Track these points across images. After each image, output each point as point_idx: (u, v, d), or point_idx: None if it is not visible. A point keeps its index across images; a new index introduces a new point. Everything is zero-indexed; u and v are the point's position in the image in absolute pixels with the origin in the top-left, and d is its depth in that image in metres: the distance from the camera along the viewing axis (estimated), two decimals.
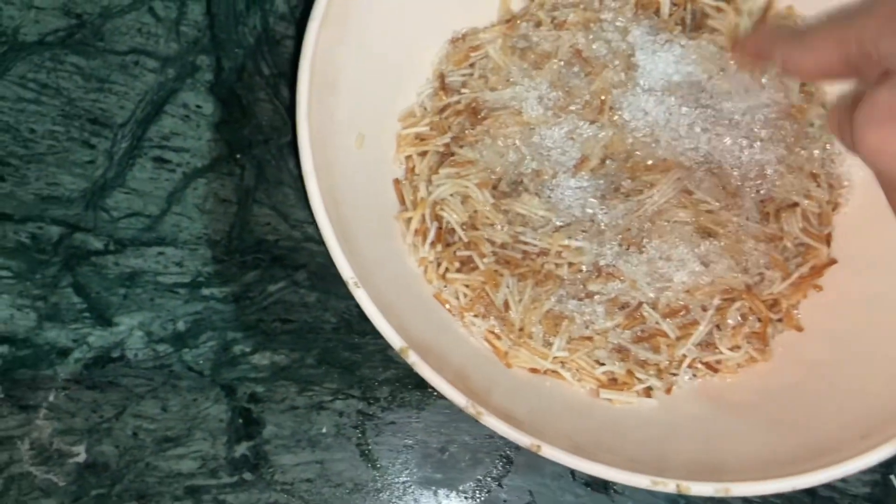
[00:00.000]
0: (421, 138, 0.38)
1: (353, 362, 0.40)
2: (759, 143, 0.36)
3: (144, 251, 0.41)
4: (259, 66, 0.44)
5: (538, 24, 0.40)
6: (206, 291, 0.41)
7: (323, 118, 0.32)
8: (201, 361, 0.40)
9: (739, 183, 0.36)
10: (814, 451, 0.29)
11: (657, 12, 0.40)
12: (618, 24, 0.39)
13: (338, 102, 0.33)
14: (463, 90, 0.39)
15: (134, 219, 0.42)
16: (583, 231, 0.36)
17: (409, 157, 0.38)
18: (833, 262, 0.36)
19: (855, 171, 0.38)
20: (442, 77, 0.40)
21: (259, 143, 0.43)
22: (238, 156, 0.43)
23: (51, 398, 0.39)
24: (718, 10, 0.39)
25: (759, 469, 0.28)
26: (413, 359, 0.28)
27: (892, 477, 0.38)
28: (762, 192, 0.36)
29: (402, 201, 0.37)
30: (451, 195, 0.36)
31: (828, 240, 0.37)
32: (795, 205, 0.36)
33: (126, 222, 0.42)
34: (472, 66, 0.40)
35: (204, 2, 0.45)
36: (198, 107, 0.43)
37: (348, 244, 0.30)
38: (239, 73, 0.44)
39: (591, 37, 0.39)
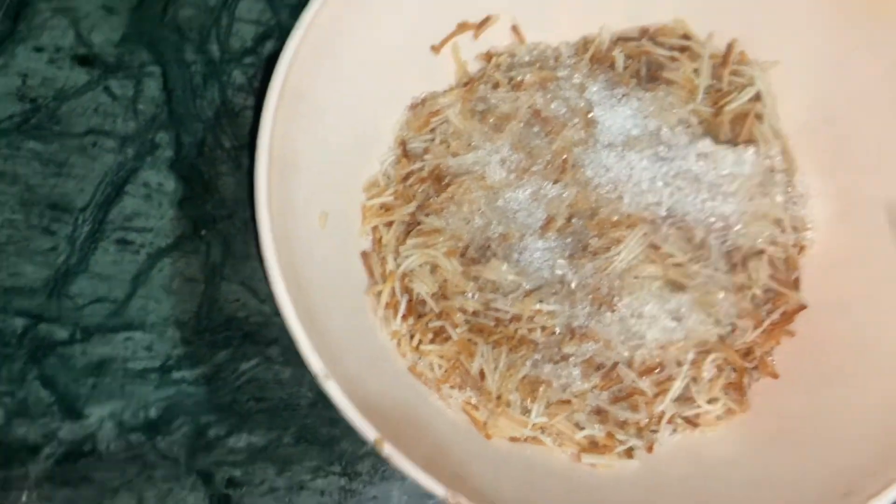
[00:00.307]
0: (386, 208, 0.38)
1: (332, 437, 0.39)
2: (721, 195, 0.36)
3: (112, 338, 0.41)
4: (219, 139, 0.44)
5: (496, 86, 0.40)
6: (177, 375, 0.40)
7: (284, 203, 0.31)
8: (176, 448, 0.39)
9: (704, 235, 0.36)
10: None
11: (612, 66, 0.40)
12: (574, 81, 0.40)
13: (299, 184, 0.33)
14: (425, 156, 0.39)
15: (99, 305, 0.41)
16: (553, 294, 0.36)
17: (375, 228, 0.38)
18: (803, 307, 0.37)
19: (818, 212, 0.38)
20: (404, 144, 0.39)
21: (223, 218, 0.43)
22: (203, 232, 0.42)
23: (23, 499, 0.38)
24: (673, 59, 0.40)
25: None
26: (387, 451, 0.28)
27: None
28: (728, 242, 0.37)
29: (371, 274, 0.37)
30: (420, 266, 0.36)
31: (796, 284, 0.37)
32: (762, 252, 0.37)
33: (91, 309, 0.41)
34: (432, 131, 0.40)
35: (160, 78, 0.45)
36: (159, 184, 0.43)
37: (316, 332, 0.29)
38: (199, 147, 0.44)
39: (548, 96, 0.39)
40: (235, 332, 0.41)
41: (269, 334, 0.41)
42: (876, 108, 0.36)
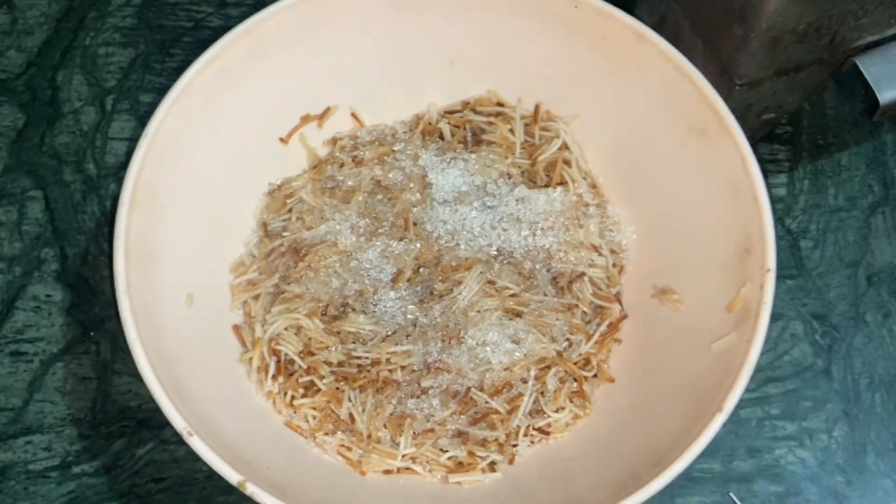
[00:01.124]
0: (252, 283, 0.42)
1: None
2: (540, 230, 0.42)
3: (12, 444, 0.43)
4: (102, 247, 0.48)
5: (341, 165, 0.46)
6: (76, 469, 0.42)
7: (146, 291, 0.36)
8: None
9: (531, 266, 0.42)
10: (620, 486, 0.33)
11: (441, 136, 0.47)
12: (408, 152, 0.46)
13: (161, 274, 0.37)
14: (284, 233, 0.44)
15: None
16: (407, 336, 0.40)
17: (245, 303, 0.42)
18: (624, 316, 0.42)
19: (628, 235, 0.44)
20: (265, 225, 0.44)
21: (111, 318, 0.46)
22: (92, 333, 0.46)
23: None
24: (490, 124, 0.46)
25: None
26: (251, 490, 0.31)
27: (731, 494, 0.43)
28: (552, 269, 0.42)
29: (244, 344, 0.41)
30: (286, 329, 0.40)
31: (618, 298, 0.43)
32: (583, 275, 0.42)
33: None
34: (289, 210, 0.45)
35: (42, 200, 0.49)
36: (48, 296, 0.46)
37: (185, 401, 0.33)
38: (83, 257, 0.47)
39: (387, 167, 0.45)
40: (130, 420, 0.43)
41: (162, 418, 0.43)
42: (651, 145, 0.43)
